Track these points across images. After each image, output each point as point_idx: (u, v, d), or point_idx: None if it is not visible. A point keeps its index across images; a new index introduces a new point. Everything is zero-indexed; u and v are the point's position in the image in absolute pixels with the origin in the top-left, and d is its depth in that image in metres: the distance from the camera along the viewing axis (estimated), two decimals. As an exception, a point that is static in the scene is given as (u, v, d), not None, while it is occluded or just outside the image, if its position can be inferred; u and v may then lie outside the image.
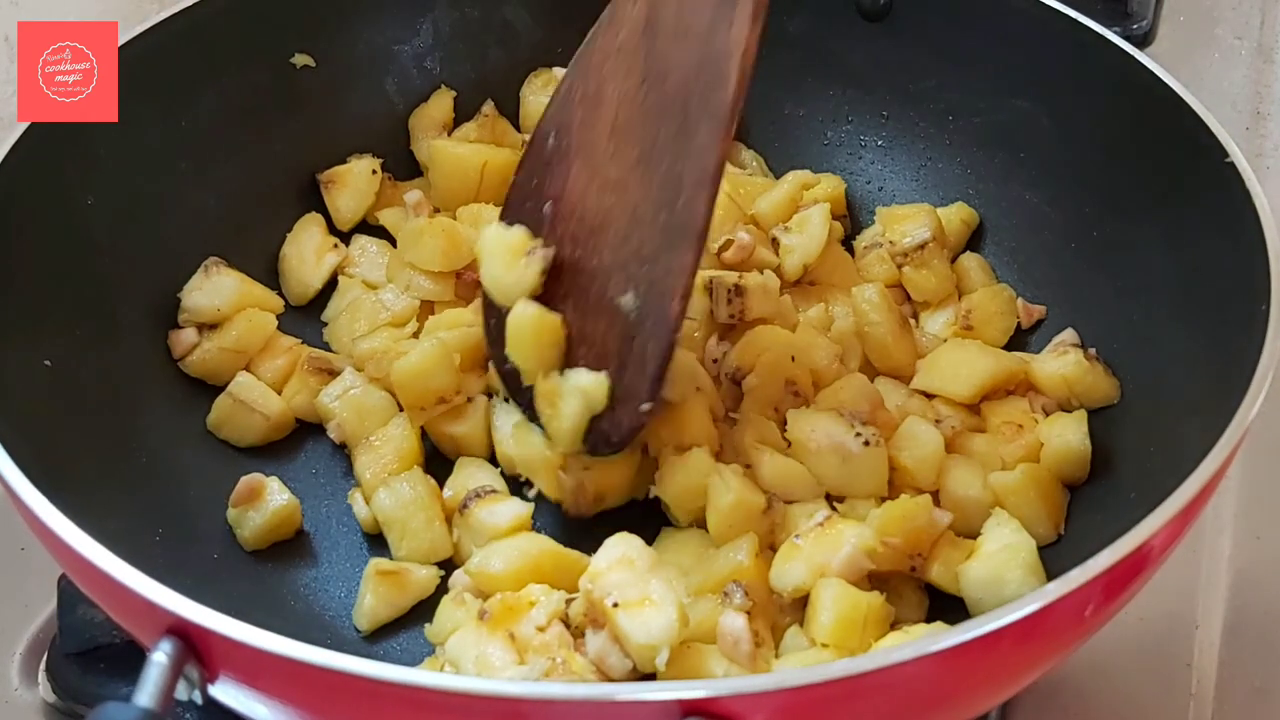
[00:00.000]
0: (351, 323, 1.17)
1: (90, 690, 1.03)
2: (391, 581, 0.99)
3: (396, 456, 1.07)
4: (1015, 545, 0.94)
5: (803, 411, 1.02)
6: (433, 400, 1.07)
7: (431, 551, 1.03)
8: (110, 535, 0.79)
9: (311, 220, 1.23)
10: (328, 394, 1.11)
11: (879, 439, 0.99)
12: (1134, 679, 1.07)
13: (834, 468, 0.99)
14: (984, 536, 0.96)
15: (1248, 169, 0.98)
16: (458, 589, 0.97)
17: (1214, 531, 1.16)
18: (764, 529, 0.97)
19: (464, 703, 0.70)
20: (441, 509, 1.04)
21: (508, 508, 1.02)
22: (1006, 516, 0.96)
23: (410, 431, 1.08)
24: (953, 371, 1.08)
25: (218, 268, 1.14)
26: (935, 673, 0.73)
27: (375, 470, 1.06)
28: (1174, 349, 1.01)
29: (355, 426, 1.09)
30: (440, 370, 1.07)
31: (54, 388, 0.98)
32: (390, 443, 1.07)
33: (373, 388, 1.10)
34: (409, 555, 1.02)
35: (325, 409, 1.11)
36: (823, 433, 0.99)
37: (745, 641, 0.89)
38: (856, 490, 1.00)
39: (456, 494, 1.04)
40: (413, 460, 1.07)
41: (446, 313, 1.15)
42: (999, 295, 1.17)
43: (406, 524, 1.02)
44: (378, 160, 1.25)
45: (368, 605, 0.99)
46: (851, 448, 0.98)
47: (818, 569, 0.92)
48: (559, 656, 0.89)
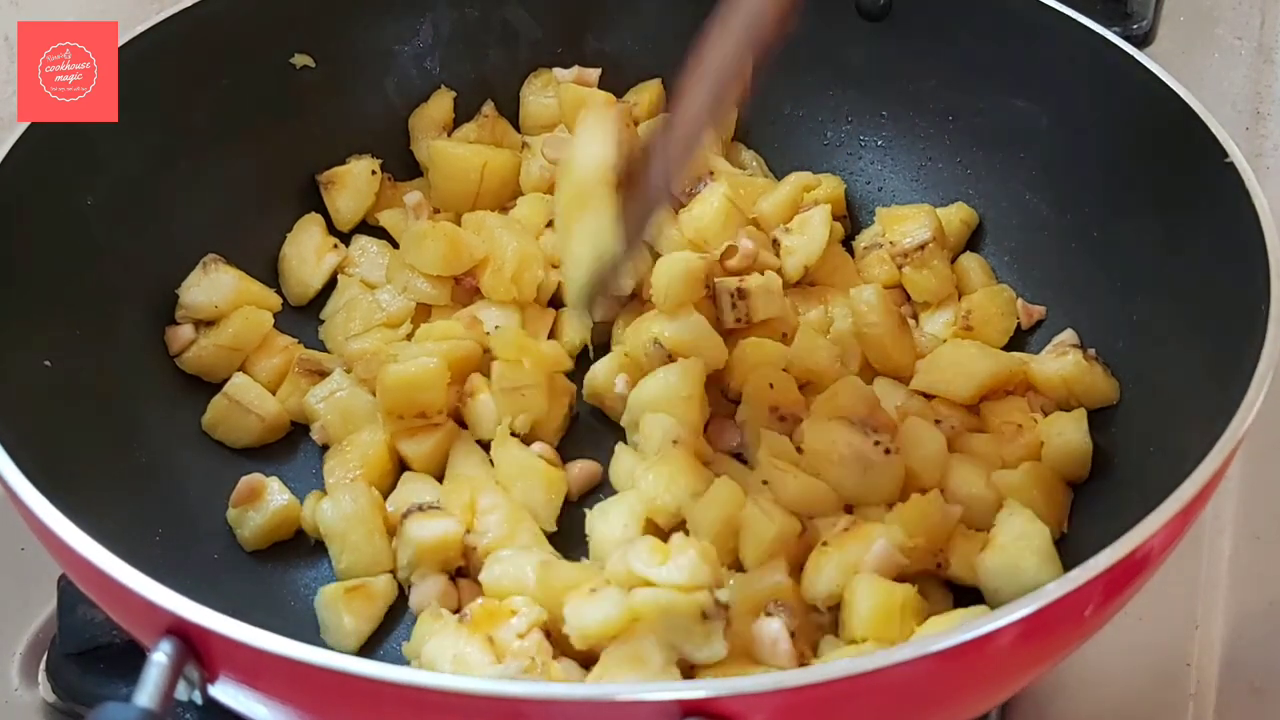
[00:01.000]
0: (346, 321, 1.16)
1: (90, 690, 1.03)
2: (361, 596, 0.97)
3: (362, 463, 1.06)
4: (1030, 533, 0.93)
5: (817, 421, 1.01)
6: (414, 413, 1.06)
7: (372, 564, 1.00)
8: (110, 535, 0.79)
9: (311, 220, 1.23)
10: (315, 395, 1.10)
11: (897, 446, 0.99)
12: (1134, 679, 1.07)
13: (854, 477, 0.98)
14: (998, 527, 0.96)
15: (1247, 169, 0.98)
16: (434, 605, 0.96)
17: (1214, 532, 1.16)
18: (800, 551, 0.96)
19: (463, 703, 0.70)
20: (384, 522, 1.01)
21: (438, 525, 0.99)
22: (1019, 506, 0.96)
23: (381, 438, 1.06)
24: (953, 372, 1.08)
25: (216, 265, 1.14)
26: (934, 673, 0.73)
27: (339, 476, 1.05)
28: (1173, 349, 1.01)
29: (339, 429, 1.08)
30: (432, 385, 1.05)
31: (53, 387, 0.97)
32: (358, 449, 1.06)
33: (360, 390, 1.09)
34: (349, 568, 1.00)
35: (311, 410, 1.10)
36: (844, 442, 0.98)
37: (784, 640, 0.88)
38: (872, 498, 0.99)
39: (398, 508, 1.02)
40: (380, 468, 1.06)
41: (439, 323, 1.14)
42: (999, 295, 1.17)
43: (347, 537, 1.00)
44: (377, 161, 1.25)
45: (350, 626, 0.97)
46: (873, 457, 0.98)
47: (850, 568, 0.92)
48: (539, 660, 0.89)
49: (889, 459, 0.98)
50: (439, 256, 1.15)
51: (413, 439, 1.07)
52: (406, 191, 1.26)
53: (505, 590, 0.94)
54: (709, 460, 1.03)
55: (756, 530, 0.94)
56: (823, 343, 1.10)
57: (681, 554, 0.89)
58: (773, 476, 0.98)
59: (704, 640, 0.87)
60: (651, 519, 0.98)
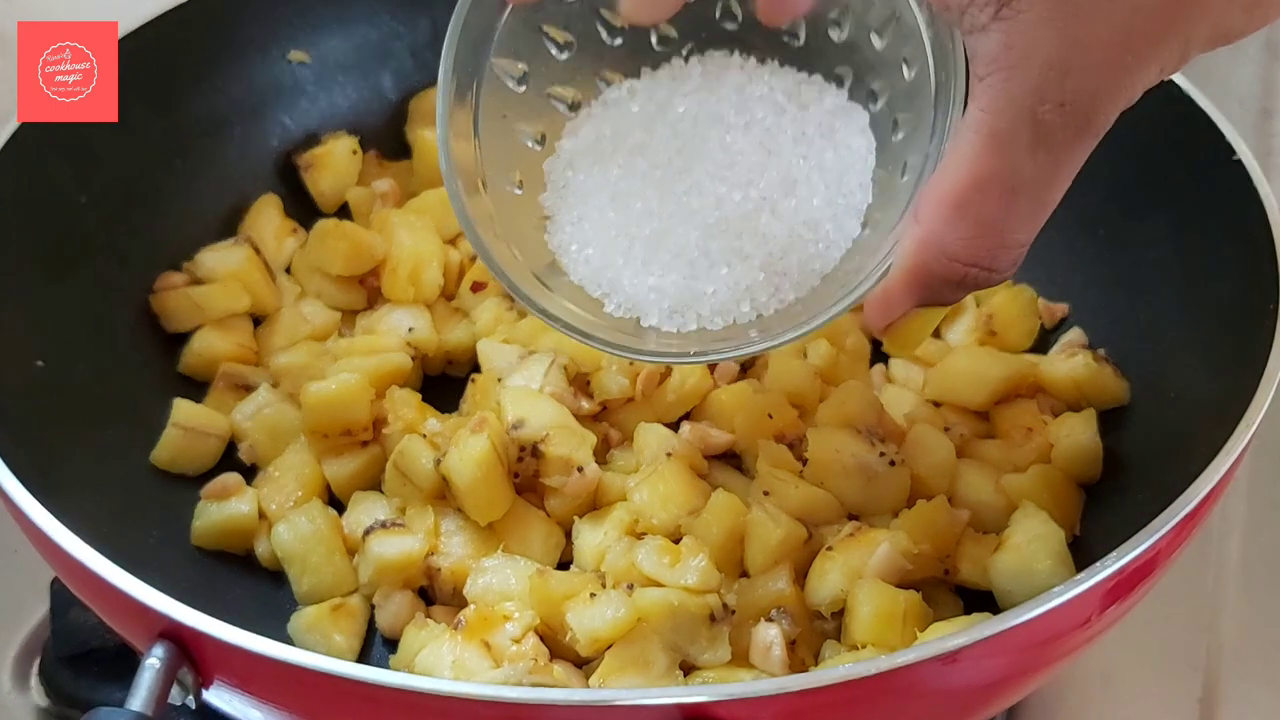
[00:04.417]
0: (270, 335, 1.14)
1: (83, 695, 1.03)
2: (345, 614, 0.96)
3: (299, 485, 1.02)
4: (1044, 535, 0.92)
5: (822, 429, 0.99)
6: (338, 430, 1.03)
7: (335, 585, 0.97)
8: (103, 538, 0.78)
9: (268, 203, 1.21)
10: (240, 412, 1.07)
11: (902, 458, 0.98)
12: (1141, 682, 1.07)
13: (858, 488, 0.97)
14: (1011, 529, 0.95)
15: (1255, 166, 0.97)
16: (418, 617, 0.95)
17: (1221, 534, 1.15)
18: (804, 558, 0.95)
19: (464, 708, 0.69)
20: (343, 541, 0.99)
21: (400, 542, 0.97)
22: (1034, 508, 0.95)
23: (312, 457, 1.03)
24: (965, 379, 1.06)
25: (244, 244, 1.14)
26: (937, 677, 0.73)
27: (280, 502, 1.01)
28: (1181, 348, 1.00)
29: (267, 448, 1.05)
30: (355, 403, 1.02)
31: (46, 389, 0.97)
32: (290, 471, 1.03)
33: (288, 406, 1.06)
34: (311, 591, 0.97)
35: (238, 428, 1.07)
36: (848, 453, 0.97)
37: (779, 646, 0.87)
38: (877, 508, 0.97)
39: (354, 530, 0.99)
40: (316, 488, 1.03)
41: (361, 338, 1.12)
42: (1020, 296, 1.14)
43: (307, 559, 0.97)
44: (354, 139, 1.24)
45: (342, 644, 0.94)
46: (877, 467, 0.97)
47: (854, 573, 0.91)
48: (540, 662, 0.88)
49: (894, 470, 0.97)
50: (340, 256, 1.14)
51: (338, 459, 1.03)
52: (395, 171, 1.25)
53: (492, 601, 0.93)
54: (704, 473, 1.01)
55: (762, 535, 0.93)
56: (797, 365, 1.07)
57: (693, 556, 0.89)
58: (774, 487, 0.97)
59: (709, 643, 0.87)
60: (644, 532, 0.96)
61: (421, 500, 0.99)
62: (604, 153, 0.86)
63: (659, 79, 0.87)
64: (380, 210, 1.20)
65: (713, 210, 0.82)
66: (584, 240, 0.85)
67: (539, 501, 1.00)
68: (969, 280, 0.72)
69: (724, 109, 0.84)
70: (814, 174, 0.83)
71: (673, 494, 0.96)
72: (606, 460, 1.03)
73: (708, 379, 1.05)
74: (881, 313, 0.75)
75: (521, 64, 0.86)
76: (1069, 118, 0.66)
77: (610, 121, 0.87)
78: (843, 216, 0.83)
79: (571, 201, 0.87)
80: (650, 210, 0.83)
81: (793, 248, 0.82)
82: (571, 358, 1.04)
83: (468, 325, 1.15)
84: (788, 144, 0.83)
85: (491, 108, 0.85)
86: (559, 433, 0.98)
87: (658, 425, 1.02)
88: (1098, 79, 0.65)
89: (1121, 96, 0.66)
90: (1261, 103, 1.48)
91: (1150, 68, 0.65)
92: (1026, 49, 0.64)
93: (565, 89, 0.88)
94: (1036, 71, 0.64)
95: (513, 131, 0.87)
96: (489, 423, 0.97)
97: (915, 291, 0.73)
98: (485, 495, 0.96)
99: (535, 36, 0.86)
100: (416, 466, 0.99)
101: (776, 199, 0.82)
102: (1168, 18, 0.64)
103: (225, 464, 1.05)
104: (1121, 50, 0.64)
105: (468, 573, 0.95)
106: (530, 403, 1.00)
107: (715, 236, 0.82)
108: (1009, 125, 0.66)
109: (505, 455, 0.97)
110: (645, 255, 0.83)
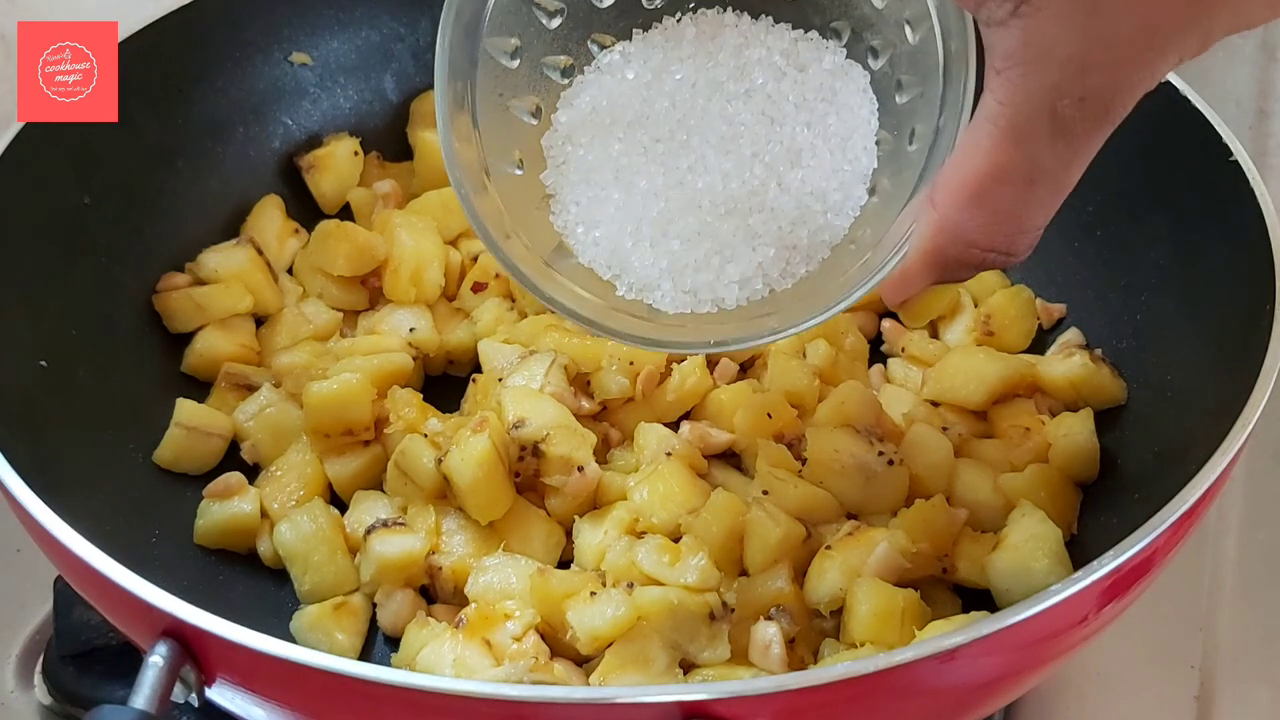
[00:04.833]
0: (272, 335, 1.14)
1: (86, 693, 1.03)
2: (347, 612, 0.96)
3: (301, 484, 1.03)
4: (1041, 535, 0.93)
5: (821, 430, 0.99)
6: (340, 430, 1.03)
7: (337, 584, 0.98)
8: (106, 537, 0.78)
9: (271, 203, 1.21)
10: (243, 411, 1.07)
11: (900, 457, 0.98)
12: (1138, 680, 1.07)
13: (857, 487, 0.97)
14: (1009, 528, 0.95)
15: (1252, 167, 0.97)
16: (420, 615, 0.95)
17: (1218, 533, 1.15)
18: (803, 556, 0.95)
19: (465, 705, 0.69)
20: (345, 540, 0.99)
21: (402, 540, 0.97)
22: (1031, 507, 0.96)
23: (314, 457, 1.04)
24: (963, 379, 1.07)
25: (247, 245, 1.14)
26: (935, 675, 0.73)
27: (282, 501, 1.02)
28: (1178, 348, 1.00)
29: (270, 448, 1.05)
30: (356, 402, 1.02)
31: (50, 389, 0.97)
32: (292, 470, 1.03)
33: (290, 406, 1.06)
34: (314, 589, 0.98)
35: (241, 428, 1.07)
36: (847, 453, 0.97)
37: (777, 645, 0.88)
38: (876, 508, 0.98)
39: (355, 527, 1.00)
40: (318, 488, 1.03)
41: (362, 338, 1.13)
42: (1018, 297, 1.14)
43: (309, 558, 0.97)
44: (356, 140, 1.24)
45: (345, 642, 0.95)
46: (876, 467, 0.97)
47: (852, 572, 0.91)
48: (541, 660, 0.89)
49: (892, 470, 0.97)
50: (341, 256, 1.14)
51: (339, 458, 1.04)
52: (396, 172, 1.26)
53: (493, 600, 0.93)
54: (704, 472, 1.02)
55: (761, 534, 0.94)
56: (796, 364, 1.07)
57: (693, 555, 0.90)
58: (773, 486, 0.97)
59: (709, 641, 0.87)
60: (645, 531, 0.97)
61: (423, 499, 1.00)
62: (602, 125, 0.85)
63: (652, 40, 0.86)
64: (382, 211, 1.20)
65: (720, 189, 0.82)
66: (591, 221, 0.85)
67: (539, 501, 1.01)
68: (986, 263, 0.73)
69: (722, 75, 0.83)
70: (818, 142, 0.82)
71: (672, 493, 0.96)
72: (606, 460, 1.04)
73: (707, 379, 1.06)
74: (899, 291, 0.77)
75: (514, 39, 0.85)
76: (1088, 110, 0.65)
77: (606, 91, 0.85)
78: (849, 183, 0.82)
79: (574, 179, 0.86)
80: (655, 190, 0.83)
81: (802, 220, 0.82)
82: (572, 358, 1.05)
83: (469, 325, 1.15)
84: (790, 111, 0.82)
85: (488, 89, 0.84)
86: (559, 432, 0.98)
87: (658, 425, 1.03)
88: (1118, 74, 0.65)
89: (1140, 86, 0.66)
90: (1258, 104, 1.49)
91: (1170, 58, 0.65)
92: (1045, 46, 0.64)
93: (558, 57, 0.87)
94: (1056, 68, 0.64)
95: (509, 109, 0.86)
96: (490, 422, 0.97)
97: (932, 273, 0.74)
98: (486, 494, 0.97)
99: (525, 8, 0.85)
100: (418, 466, 0.99)
101: (783, 171, 0.82)
102: (1191, 11, 0.64)
103: (228, 463, 1.06)
104: (1143, 46, 0.64)
105: (469, 571, 0.96)
106: (531, 402, 1.00)
107: (724, 217, 0.82)
108: (1028, 119, 0.66)
109: (506, 455, 0.98)
110: (654, 236, 0.83)
